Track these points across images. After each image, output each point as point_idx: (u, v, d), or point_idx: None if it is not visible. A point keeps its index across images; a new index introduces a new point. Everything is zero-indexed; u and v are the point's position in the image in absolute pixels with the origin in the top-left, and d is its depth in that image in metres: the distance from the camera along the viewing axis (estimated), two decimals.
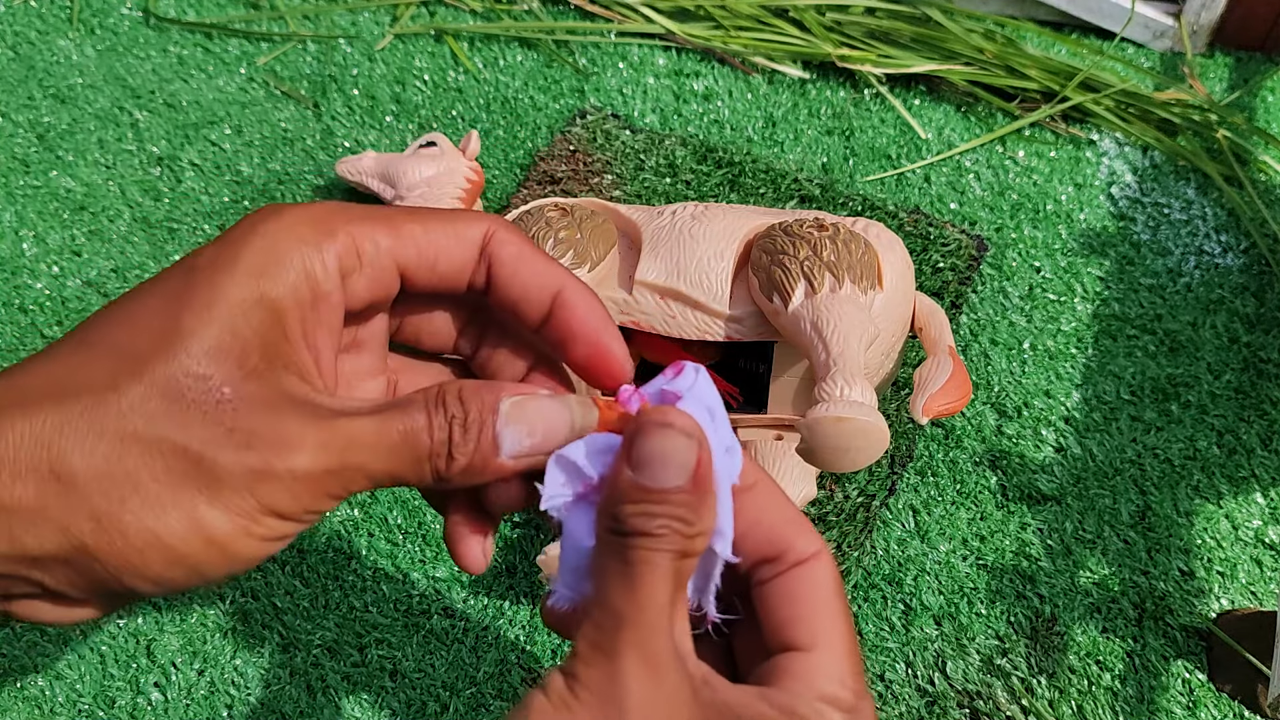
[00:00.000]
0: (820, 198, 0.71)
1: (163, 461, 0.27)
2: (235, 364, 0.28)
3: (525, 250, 0.32)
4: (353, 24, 0.83)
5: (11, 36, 0.82)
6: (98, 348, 0.28)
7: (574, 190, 0.71)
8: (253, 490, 0.28)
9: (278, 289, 0.29)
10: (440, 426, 0.30)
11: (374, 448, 0.29)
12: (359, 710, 0.53)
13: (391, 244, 0.31)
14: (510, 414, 0.31)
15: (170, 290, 0.29)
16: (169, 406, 0.27)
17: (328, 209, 0.30)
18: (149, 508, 0.27)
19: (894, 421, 0.61)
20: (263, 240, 0.29)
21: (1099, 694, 0.53)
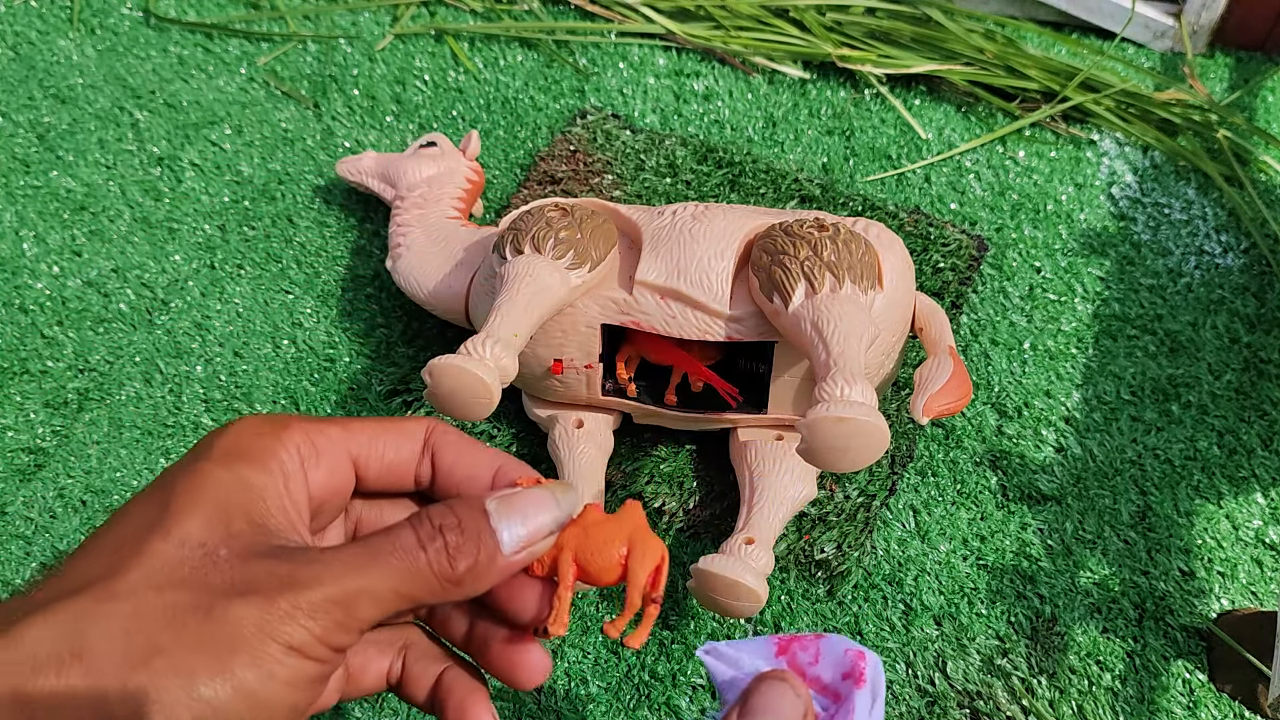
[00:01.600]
0: (820, 198, 0.71)
1: (178, 622, 0.29)
2: (225, 531, 0.30)
3: (464, 439, 0.36)
4: (353, 24, 0.83)
5: (11, 36, 0.82)
6: (95, 549, 0.31)
7: (574, 190, 0.71)
8: (267, 632, 0.29)
9: (251, 470, 0.32)
10: (430, 535, 0.32)
11: (367, 570, 0.30)
12: (359, 710, 0.52)
13: (343, 437, 0.34)
14: (499, 510, 0.33)
15: (152, 492, 0.31)
16: (172, 575, 0.29)
17: (285, 415, 0.34)
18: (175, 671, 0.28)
19: (894, 421, 0.61)
20: (230, 436, 0.32)
21: (1099, 694, 0.53)
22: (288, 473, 0.33)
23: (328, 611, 0.30)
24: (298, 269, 0.69)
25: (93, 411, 0.62)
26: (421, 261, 0.61)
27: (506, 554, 0.33)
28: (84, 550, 0.31)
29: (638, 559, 0.35)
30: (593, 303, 0.52)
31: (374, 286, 0.68)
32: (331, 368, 0.64)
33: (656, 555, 0.35)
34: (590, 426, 0.56)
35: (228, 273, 0.69)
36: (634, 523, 0.36)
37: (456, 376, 0.43)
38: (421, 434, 0.36)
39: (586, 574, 0.35)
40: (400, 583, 0.31)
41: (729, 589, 0.48)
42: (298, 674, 0.30)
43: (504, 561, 0.33)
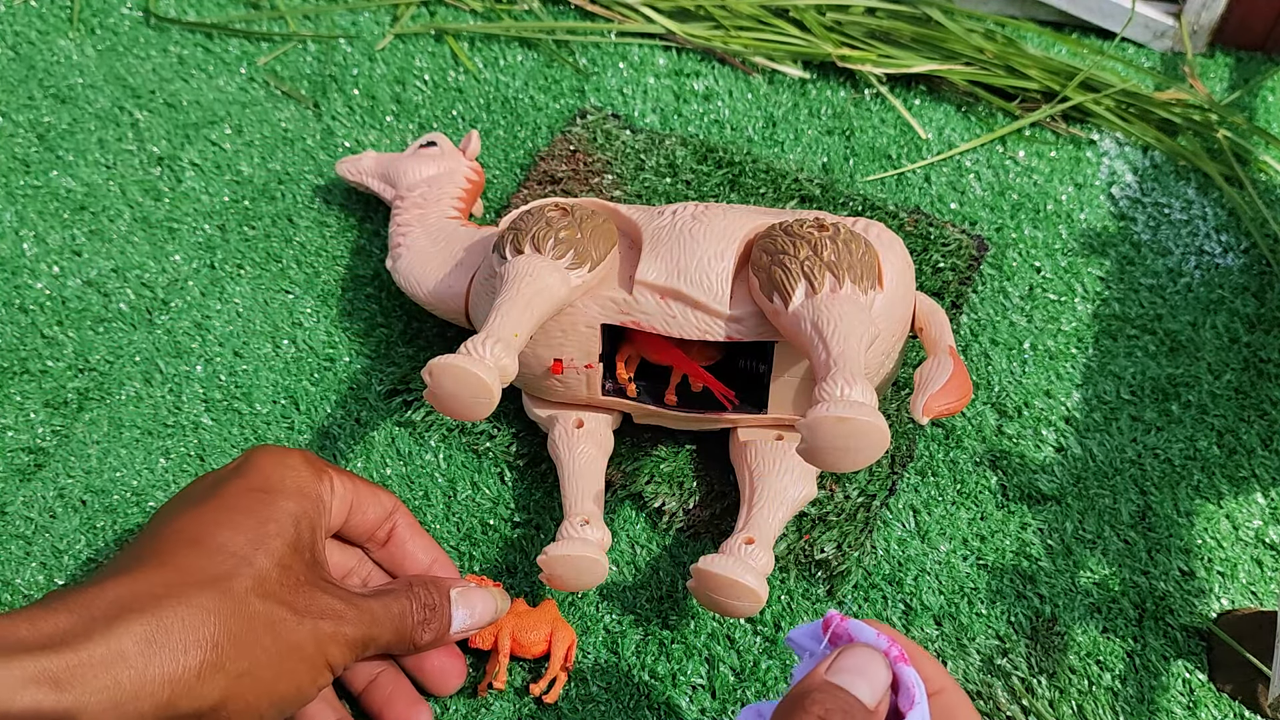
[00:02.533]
0: (820, 198, 0.71)
1: (274, 628, 0.38)
2: (299, 557, 0.40)
3: (416, 525, 0.50)
4: (353, 24, 0.83)
5: (11, 36, 0.82)
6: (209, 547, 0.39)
7: (574, 190, 0.71)
8: (322, 648, 0.39)
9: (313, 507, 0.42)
10: (418, 609, 0.44)
11: (382, 623, 0.42)
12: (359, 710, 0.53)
13: (350, 487, 0.46)
14: (459, 599, 0.46)
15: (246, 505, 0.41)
16: (271, 588, 0.39)
17: (316, 457, 0.45)
18: (269, 666, 0.37)
19: (894, 421, 0.61)
20: (293, 472, 0.43)
21: (1099, 694, 0.53)
22: (326, 510, 0.43)
23: (356, 647, 0.41)
24: (298, 269, 0.69)
25: (93, 411, 0.62)
26: (421, 261, 0.61)
27: (452, 632, 0.46)
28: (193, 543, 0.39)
29: (558, 640, 0.51)
30: (593, 303, 0.52)
31: (374, 286, 0.68)
32: (331, 367, 0.64)
33: (570, 638, 0.52)
34: (590, 426, 0.56)
35: (228, 272, 0.69)
36: (553, 614, 0.52)
37: (457, 376, 0.43)
38: (390, 504, 0.48)
39: (520, 647, 0.51)
40: (393, 638, 0.43)
41: (729, 589, 0.48)
42: (324, 682, 0.40)
43: (450, 635, 0.46)
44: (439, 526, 0.58)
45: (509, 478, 0.60)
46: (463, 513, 0.59)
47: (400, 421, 0.62)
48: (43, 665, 0.32)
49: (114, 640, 0.34)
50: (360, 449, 0.61)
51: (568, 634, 0.52)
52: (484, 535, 0.58)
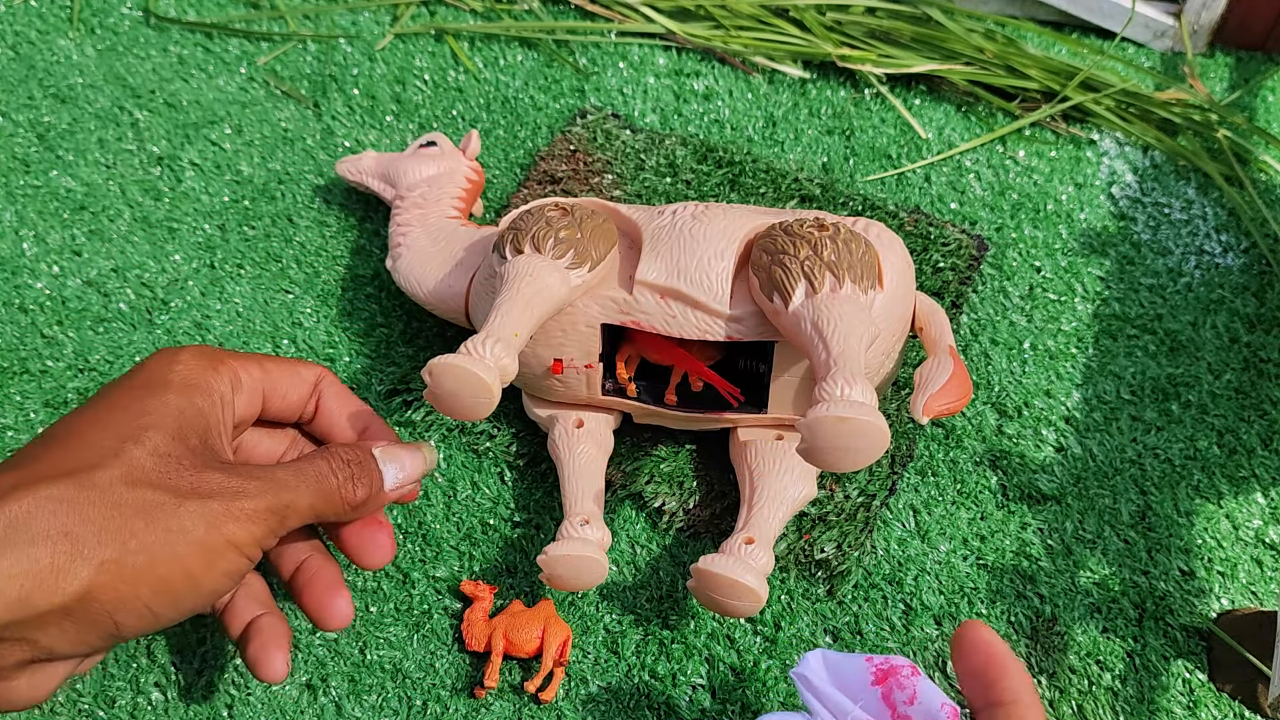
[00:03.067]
0: (821, 197, 0.71)
1: (148, 514, 0.35)
2: (184, 446, 0.38)
3: (344, 391, 0.47)
4: (353, 24, 0.83)
5: (11, 36, 0.82)
6: (74, 443, 0.37)
7: (574, 190, 0.71)
8: (218, 528, 0.36)
9: (204, 400, 0.40)
10: (339, 468, 0.41)
11: (296, 488, 0.39)
12: (359, 710, 0.53)
13: (260, 375, 0.43)
14: (383, 457, 0.44)
15: (123, 403, 0.38)
16: (144, 476, 0.36)
17: (221, 351, 0.42)
18: (143, 551, 0.35)
19: (894, 421, 0.61)
20: (182, 366, 0.40)
21: (1099, 694, 0.53)
22: (224, 402, 0.41)
23: (266, 519, 0.38)
24: (298, 268, 0.69)
25: None
26: (421, 261, 0.61)
27: (388, 489, 0.43)
28: (58, 440, 0.37)
29: (550, 636, 0.51)
30: (593, 302, 0.52)
31: (374, 286, 0.68)
32: (331, 367, 0.64)
33: (564, 634, 0.52)
34: (590, 426, 0.56)
35: (228, 272, 0.69)
36: (548, 612, 0.52)
37: (457, 376, 0.43)
38: (313, 379, 0.45)
39: (513, 646, 0.51)
40: (316, 500, 0.40)
41: (729, 589, 0.48)
42: (232, 566, 0.38)
43: (385, 495, 0.44)
44: (439, 526, 0.58)
45: (509, 478, 0.60)
46: (463, 513, 0.59)
47: (400, 421, 0.62)
48: None
49: None
50: None
51: (562, 630, 0.52)
52: (484, 535, 0.58)
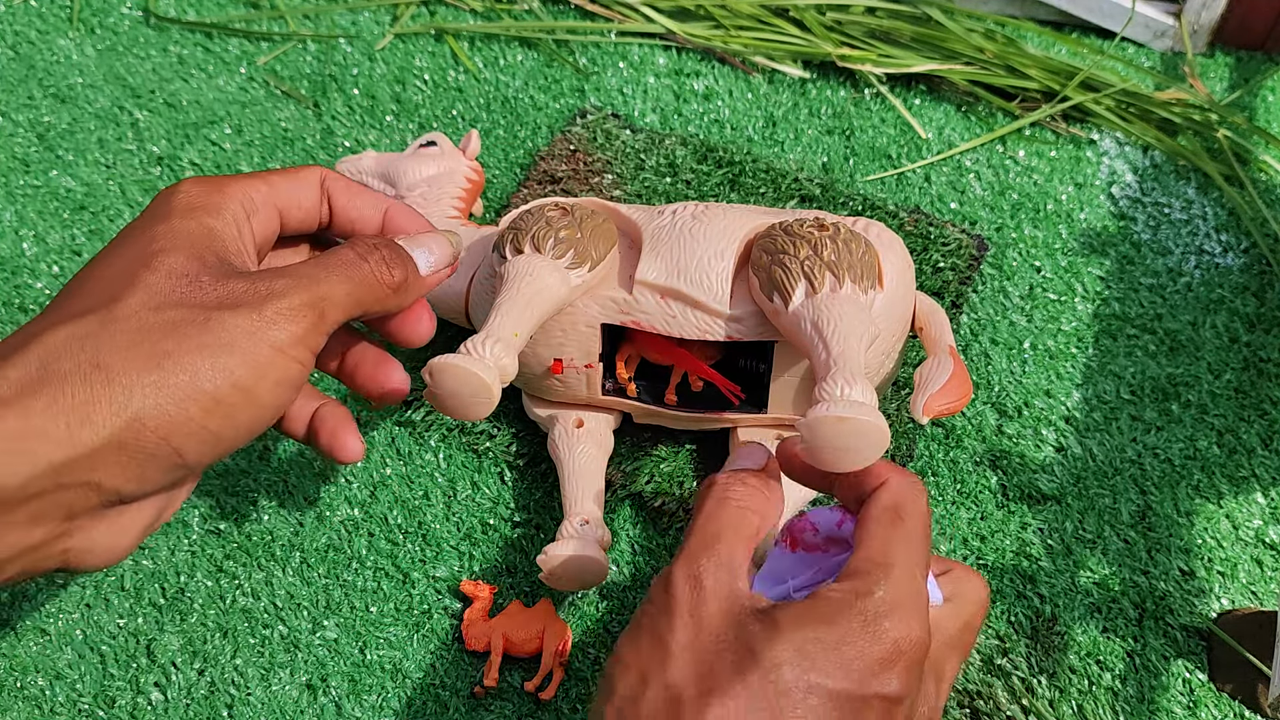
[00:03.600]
0: (820, 197, 0.71)
1: (178, 332, 0.33)
2: (201, 264, 0.35)
3: (352, 184, 0.43)
4: (353, 23, 0.83)
5: (11, 36, 0.82)
6: (87, 286, 0.35)
7: (574, 190, 0.71)
8: (257, 335, 0.34)
9: (210, 219, 0.37)
10: (368, 252, 0.39)
11: (328, 279, 0.37)
12: (359, 710, 0.53)
13: (269, 192, 0.40)
14: (410, 244, 0.42)
15: (130, 241, 0.36)
16: (166, 298, 0.34)
17: (215, 177, 0.39)
18: (182, 369, 0.33)
19: (894, 421, 0.61)
20: (183, 196, 0.38)
21: (1099, 694, 0.53)
22: (238, 221, 0.38)
23: (304, 315, 0.36)
24: None
25: None
26: None
27: (423, 273, 0.41)
28: (72, 290, 0.36)
29: (550, 636, 0.51)
30: (593, 302, 0.52)
31: None
32: None
33: (563, 634, 0.52)
34: (590, 426, 0.56)
35: None
36: (547, 612, 0.52)
37: (456, 376, 0.43)
38: (317, 180, 0.42)
39: (513, 645, 0.51)
40: (353, 288, 0.38)
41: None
42: (284, 374, 0.36)
43: (423, 279, 0.42)
44: (439, 526, 0.58)
45: (509, 478, 0.60)
46: (463, 513, 0.59)
47: (400, 421, 0.62)
48: None
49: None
50: None
51: (561, 630, 0.52)
52: (484, 535, 0.58)
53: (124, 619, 0.56)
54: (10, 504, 0.31)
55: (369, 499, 0.59)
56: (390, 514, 0.59)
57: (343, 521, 0.58)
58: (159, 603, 0.56)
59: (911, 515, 0.36)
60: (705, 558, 0.36)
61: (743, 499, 0.39)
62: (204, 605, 0.56)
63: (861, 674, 0.32)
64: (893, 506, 0.37)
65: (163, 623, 0.55)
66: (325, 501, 0.59)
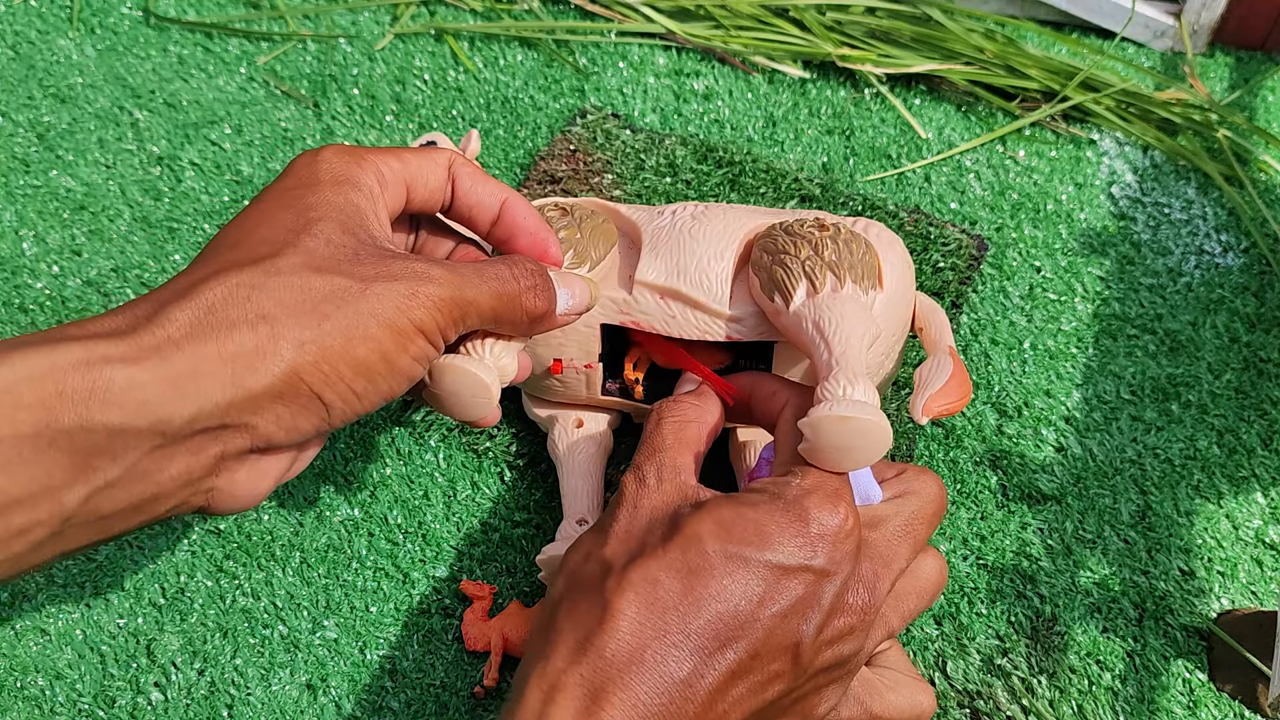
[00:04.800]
0: (820, 197, 0.71)
1: (338, 296, 0.35)
2: (354, 237, 0.37)
3: (477, 170, 0.44)
4: (353, 23, 0.83)
5: (11, 36, 0.82)
6: (248, 242, 0.36)
7: (574, 190, 0.71)
8: (405, 312, 0.36)
9: (357, 194, 0.39)
10: (522, 275, 0.41)
11: (480, 286, 0.39)
12: (359, 710, 0.53)
13: (400, 167, 0.41)
14: (559, 280, 0.43)
15: (281, 203, 0.38)
16: (326, 263, 0.36)
17: (353, 148, 0.40)
18: (339, 330, 0.35)
19: (894, 421, 0.61)
20: (328, 165, 0.39)
21: (1099, 694, 0.53)
22: (374, 196, 0.39)
23: (449, 309, 0.38)
24: None
25: None
26: None
27: (559, 311, 0.43)
28: (229, 242, 0.37)
29: None
30: None
31: None
32: None
33: None
34: (590, 426, 0.56)
35: None
36: None
37: (457, 376, 0.43)
38: (446, 163, 0.43)
39: (513, 646, 0.51)
40: (498, 304, 0.40)
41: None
42: (421, 352, 0.38)
43: (556, 318, 0.43)
44: (439, 526, 0.58)
45: (509, 478, 0.60)
46: (463, 513, 0.59)
47: (400, 421, 0.62)
48: (96, 351, 0.32)
49: (158, 329, 0.33)
50: (360, 449, 0.61)
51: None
52: (484, 535, 0.58)
53: (124, 619, 0.56)
54: (178, 436, 0.33)
55: (369, 499, 0.59)
56: (390, 514, 0.59)
57: (343, 521, 0.58)
58: (159, 603, 0.56)
59: None
60: (649, 463, 0.40)
61: (679, 413, 0.43)
62: (204, 605, 0.56)
63: (784, 546, 0.36)
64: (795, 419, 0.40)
65: (163, 623, 0.55)
66: (325, 501, 0.59)
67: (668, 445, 0.41)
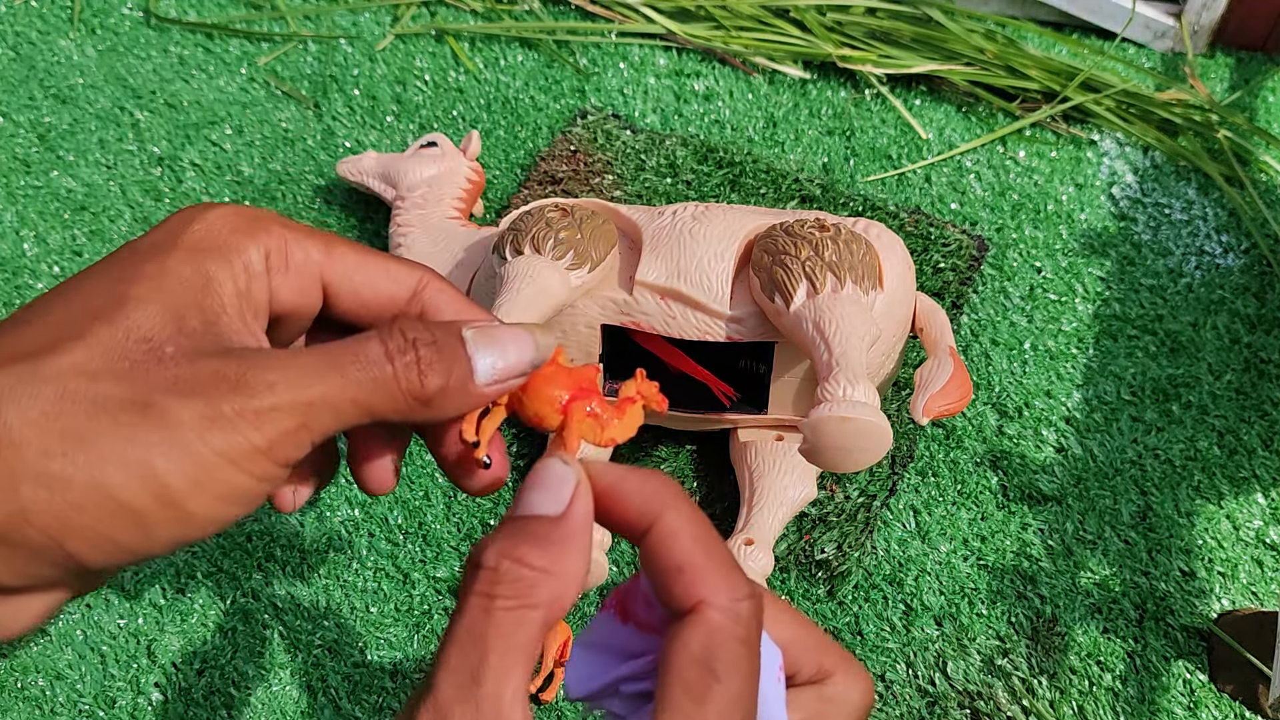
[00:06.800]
0: (821, 198, 0.71)
1: (107, 416, 0.26)
2: (176, 328, 0.28)
3: (461, 302, 0.32)
4: (353, 24, 0.83)
5: (12, 36, 0.82)
6: (37, 321, 0.28)
7: (575, 190, 0.71)
8: (204, 438, 0.26)
9: (215, 267, 0.29)
10: (401, 347, 0.29)
11: (327, 380, 0.28)
12: (359, 710, 0.53)
13: (320, 258, 0.31)
14: (477, 339, 0.30)
15: (114, 269, 0.29)
16: (112, 365, 0.27)
17: (266, 212, 0.30)
18: (94, 462, 0.26)
19: (895, 422, 0.61)
20: (202, 225, 0.29)
21: (1100, 694, 0.53)
22: (252, 273, 0.30)
23: (277, 421, 0.27)
24: None
25: None
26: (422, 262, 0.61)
27: (479, 383, 0.30)
28: (24, 319, 0.29)
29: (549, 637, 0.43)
30: (593, 303, 0.52)
31: None
32: None
33: (564, 634, 0.50)
34: None
35: None
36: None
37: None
38: (411, 285, 0.32)
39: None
40: (362, 394, 0.29)
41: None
42: (229, 489, 0.27)
43: (476, 390, 0.30)
44: (439, 526, 0.58)
45: (509, 478, 0.60)
46: (463, 513, 0.59)
47: None
48: None
49: None
50: None
51: (562, 630, 0.52)
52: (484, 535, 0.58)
53: (124, 619, 0.56)
54: None
55: (369, 499, 0.59)
56: (390, 514, 0.59)
57: (343, 522, 0.58)
58: (159, 603, 0.56)
59: (729, 669, 0.25)
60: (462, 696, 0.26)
61: (519, 593, 0.27)
62: (204, 605, 0.56)
63: None
64: (703, 660, 0.26)
65: (163, 623, 0.55)
66: (325, 502, 0.59)
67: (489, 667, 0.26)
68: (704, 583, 0.26)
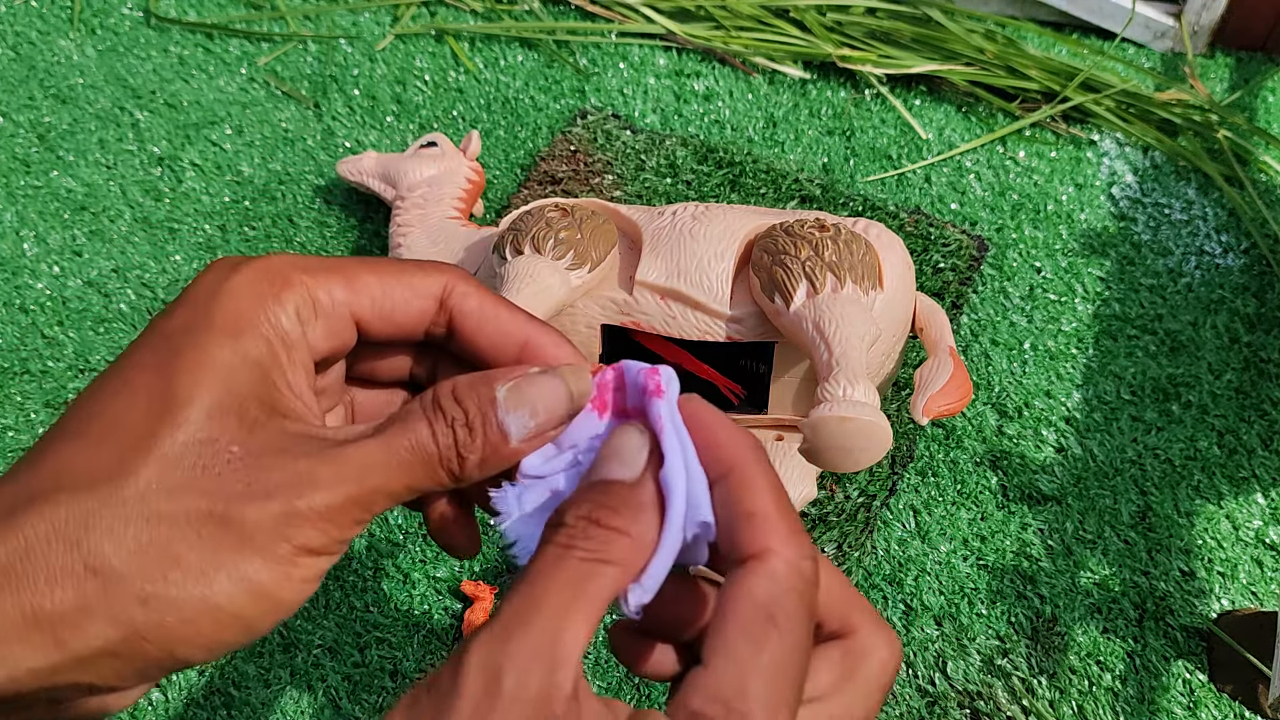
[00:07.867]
0: (821, 198, 0.71)
1: (193, 531, 0.28)
2: (236, 421, 0.29)
3: (487, 303, 0.33)
4: (353, 24, 0.83)
5: (12, 36, 0.82)
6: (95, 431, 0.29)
7: (574, 190, 0.71)
8: (284, 536, 0.28)
9: (256, 346, 0.30)
10: (444, 431, 0.30)
11: (386, 467, 0.29)
12: (359, 710, 0.53)
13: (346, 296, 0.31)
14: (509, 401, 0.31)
15: (153, 361, 0.29)
16: (184, 477, 0.28)
17: (281, 261, 0.30)
18: (192, 578, 0.27)
19: (895, 422, 0.61)
20: (229, 299, 0.30)
21: (1100, 694, 0.53)
22: (290, 342, 0.31)
23: (343, 511, 0.29)
24: None
25: None
26: None
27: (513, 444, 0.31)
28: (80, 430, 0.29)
29: None
30: (593, 303, 0.52)
31: None
32: None
33: None
34: None
35: None
36: None
37: None
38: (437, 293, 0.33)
39: None
40: (413, 479, 0.30)
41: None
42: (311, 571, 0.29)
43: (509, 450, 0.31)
44: None
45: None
46: None
47: None
48: None
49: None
50: None
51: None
52: (484, 535, 0.58)
53: None
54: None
55: None
56: (390, 514, 0.59)
57: None
58: None
59: (789, 621, 0.26)
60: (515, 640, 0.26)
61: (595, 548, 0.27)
62: None
63: None
64: (765, 606, 0.26)
65: None
66: None
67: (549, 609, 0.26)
68: (774, 533, 0.26)
